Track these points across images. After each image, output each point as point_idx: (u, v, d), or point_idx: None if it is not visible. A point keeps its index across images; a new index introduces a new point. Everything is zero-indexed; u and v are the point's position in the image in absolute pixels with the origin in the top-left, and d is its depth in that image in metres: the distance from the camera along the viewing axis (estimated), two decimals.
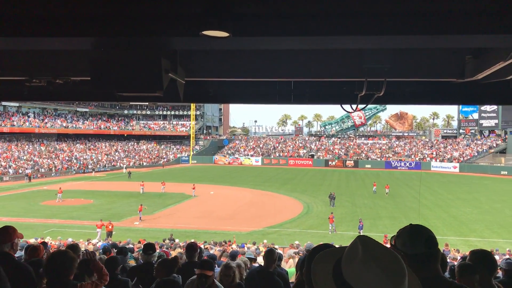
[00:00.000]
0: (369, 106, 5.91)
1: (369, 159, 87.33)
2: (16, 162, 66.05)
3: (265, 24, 3.27)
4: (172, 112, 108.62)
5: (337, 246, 2.01)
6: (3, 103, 72.60)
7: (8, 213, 32.87)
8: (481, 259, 3.51)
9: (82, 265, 4.48)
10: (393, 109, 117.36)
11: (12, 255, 4.07)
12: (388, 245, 2.13)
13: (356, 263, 1.43)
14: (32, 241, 14.12)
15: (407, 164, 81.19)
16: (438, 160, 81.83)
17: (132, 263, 8.61)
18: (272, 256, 5.58)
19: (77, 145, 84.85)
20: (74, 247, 5.98)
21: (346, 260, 1.48)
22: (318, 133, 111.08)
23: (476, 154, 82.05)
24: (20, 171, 62.34)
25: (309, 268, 1.94)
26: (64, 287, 3.71)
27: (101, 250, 10.32)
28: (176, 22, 3.25)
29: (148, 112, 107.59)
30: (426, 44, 3.73)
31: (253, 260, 9.99)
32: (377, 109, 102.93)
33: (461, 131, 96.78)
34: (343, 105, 6.05)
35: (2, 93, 6.31)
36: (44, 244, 7.92)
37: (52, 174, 64.71)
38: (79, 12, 3.32)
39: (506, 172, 67.66)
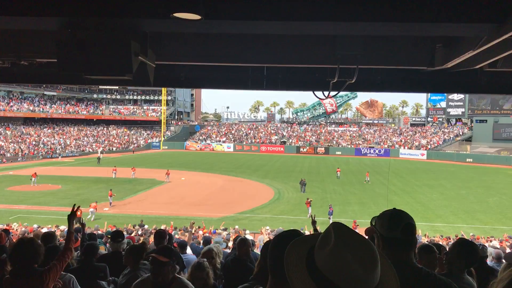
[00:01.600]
0: (340, 93, 5.94)
1: (340, 146, 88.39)
2: None
3: (238, 7, 3.22)
4: (143, 97, 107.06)
5: (308, 232, 2.01)
6: None
7: None
8: (462, 251, 3.57)
9: (49, 253, 4.38)
10: (363, 97, 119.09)
11: None
12: (361, 229, 2.14)
13: (328, 250, 1.43)
14: None
15: (377, 151, 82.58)
16: (406, 147, 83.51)
17: (102, 249, 8.47)
18: (244, 245, 5.73)
19: (44, 129, 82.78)
20: (50, 235, 5.86)
21: (319, 246, 1.47)
22: (290, 120, 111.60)
23: (443, 142, 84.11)
24: None
25: (274, 255, 1.89)
26: (28, 275, 3.62)
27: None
28: (146, 3, 3.17)
29: (118, 97, 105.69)
30: (397, 32, 3.75)
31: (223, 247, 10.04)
32: (348, 97, 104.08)
33: (429, 119, 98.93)
34: (315, 92, 6.06)
35: None
36: (6, 231, 7.71)
37: (19, 159, 63.05)
38: None
39: (471, 160, 69.65)
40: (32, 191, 36.42)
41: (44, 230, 17.12)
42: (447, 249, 4.49)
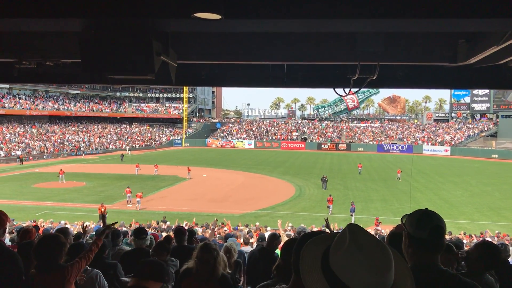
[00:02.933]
0: (362, 89, 5.91)
1: (362, 142, 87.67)
2: (8, 145, 65.57)
3: (258, 6, 3.23)
4: (165, 95, 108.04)
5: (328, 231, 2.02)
6: None
7: (0, 196, 32.78)
8: (483, 253, 3.51)
9: (73, 250, 4.49)
10: (386, 92, 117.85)
11: (2, 242, 4.06)
12: (384, 226, 2.14)
13: (341, 252, 1.44)
14: (26, 224, 14.12)
15: (399, 147, 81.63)
16: (429, 143, 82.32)
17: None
18: (275, 239, 6.12)
19: (69, 127, 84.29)
20: (63, 231, 5.98)
21: (333, 248, 1.49)
22: (311, 116, 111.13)
23: (467, 137, 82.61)
24: (12, 153, 61.92)
25: (297, 255, 1.94)
26: (51, 269, 3.73)
27: (93, 233, 10.32)
28: (168, 3, 3.21)
29: (141, 95, 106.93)
30: (420, 28, 3.71)
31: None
32: (370, 93, 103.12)
33: (453, 114, 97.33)
34: (336, 89, 6.04)
35: None
36: (36, 227, 7.91)
37: (44, 157, 64.37)
38: None
39: (496, 156, 68.26)
40: (57, 188, 37.17)
41: (70, 226, 17.49)
42: (467, 247, 4.42)
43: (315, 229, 18.72)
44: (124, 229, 16.61)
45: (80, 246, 4.82)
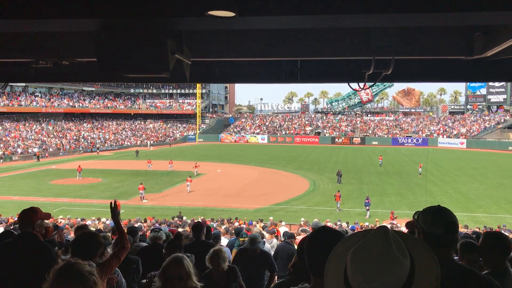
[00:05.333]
0: (376, 83, 5.87)
1: (376, 135, 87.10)
2: (25, 142, 66.53)
3: (271, 3, 3.23)
4: (178, 91, 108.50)
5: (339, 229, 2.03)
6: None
7: (19, 192, 33.32)
8: (493, 242, 3.48)
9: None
10: (400, 85, 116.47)
11: (36, 235, 4.13)
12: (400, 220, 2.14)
13: (350, 252, 1.49)
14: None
15: (414, 140, 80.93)
16: (445, 136, 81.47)
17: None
18: (255, 242, 6.50)
19: (84, 124, 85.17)
20: (81, 227, 6.07)
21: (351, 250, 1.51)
22: (324, 110, 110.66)
23: (484, 130, 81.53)
24: (29, 150, 62.82)
25: (311, 255, 1.99)
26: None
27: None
28: (182, 2, 3.22)
29: (154, 91, 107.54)
30: (434, 22, 3.68)
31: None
32: (384, 86, 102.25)
33: (468, 106, 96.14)
34: (350, 84, 6.01)
35: (9, 74, 6.31)
36: (55, 226, 8.02)
37: (60, 154, 65.18)
38: None
39: None
40: (74, 184, 37.64)
41: (88, 222, 17.72)
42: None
43: (328, 224, 18.72)
44: (139, 224, 16.78)
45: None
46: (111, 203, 4.55)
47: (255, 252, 6.43)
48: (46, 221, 4.46)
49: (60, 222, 18.25)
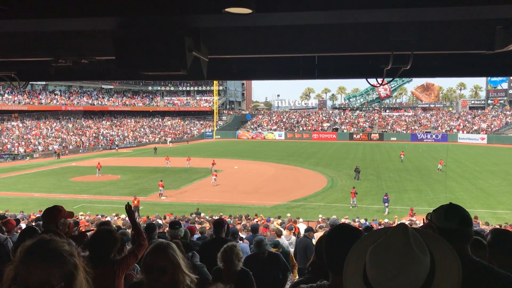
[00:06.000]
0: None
1: (395, 131, 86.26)
2: (45, 139, 67.62)
3: None
4: (195, 88, 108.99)
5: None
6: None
7: (40, 189, 33.92)
8: (497, 239, 3.43)
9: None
10: (419, 80, 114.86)
11: (59, 234, 4.19)
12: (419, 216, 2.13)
13: (370, 249, 1.47)
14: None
15: (433, 136, 79.91)
16: (465, 131, 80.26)
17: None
18: (261, 245, 6.20)
19: (103, 121, 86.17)
20: (106, 224, 6.14)
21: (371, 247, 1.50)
22: (342, 106, 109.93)
23: (505, 125, 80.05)
24: (49, 148, 63.85)
25: (329, 253, 1.99)
26: (103, 263, 3.81)
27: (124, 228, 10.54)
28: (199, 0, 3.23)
29: (172, 88, 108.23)
30: (454, 16, 3.61)
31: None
32: (403, 81, 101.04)
33: (489, 101, 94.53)
34: (368, 79, 5.95)
35: (29, 73, 6.41)
36: (76, 222, 8.15)
37: (80, 151, 66.09)
38: None
39: None
40: (93, 181, 38.14)
41: (108, 219, 17.93)
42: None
43: (346, 221, 18.61)
44: (159, 221, 16.94)
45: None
46: (126, 205, 4.59)
47: (263, 256, 6.20)
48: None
49: (81, 219, 18.51)
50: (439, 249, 1.53)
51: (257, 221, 18.77)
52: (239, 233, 10.98)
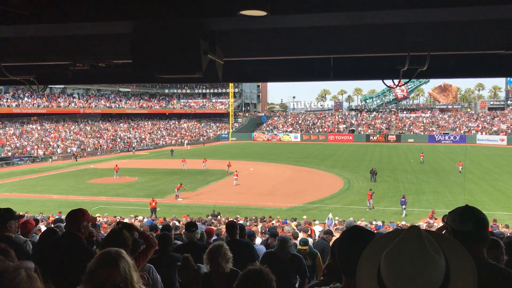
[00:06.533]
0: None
1: (412, 133, 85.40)
2: (64, 142, 68.58)
3: (302, 1, 3.22)
4: (211, 90, 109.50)
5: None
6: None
7: (59, 191, 34.40)
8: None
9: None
10: (436, 81, 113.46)
11: (80, 237, 4.26)
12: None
13: (384, 254, 1.46)
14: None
15: (452, 137, 78.89)
16: (484, 133, 79.04)
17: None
18: (285, 245, 5.96)
19: (120, 124, 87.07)
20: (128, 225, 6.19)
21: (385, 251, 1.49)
22: (358, 108, 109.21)
23: None
24: (68, 150, 64.74)
25: (342, 254, 1.98)
26: None
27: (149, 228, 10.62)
28: (214, 3, 3.25)
29: (188, 91, 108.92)
30: (471, 16, 3.57)
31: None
32: (420, 82, 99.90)
33: (509, 102, 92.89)
34: (384, 80, 5.91)
35: (48, 76, 6.51)
36: (94, 225, 8.25)
37: (98, 153, 66.86)
38: None
39: None
40: (111, 183, 38.54)
41: (125, 220, 18.10)
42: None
43: (361, 223, 18.46)
44: (176, 223, 17.03)
45: (136, 241, 4.98)
46: (119, 224, 4.49)
47: (286, 256, 5.90)
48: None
49: (98, 220, 18.72)
50: (451, 249, 1.52)
51: (273, 223, 18.76)
52: (256, 236, 10.96)
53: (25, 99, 74.25)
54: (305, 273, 6.07)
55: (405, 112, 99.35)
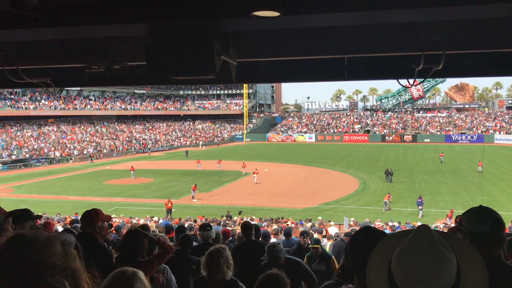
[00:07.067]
0: (427, 78, 5.69)
1: (428, 133, 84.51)
2: (80, 144, 69.37)
3: (315, 1, 3.21)
4: (226, 91, 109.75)
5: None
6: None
7: (75, 192, 34.80)
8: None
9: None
10: (452, 80, 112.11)
11: (96, 236, 4.29)
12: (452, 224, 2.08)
13: (396, 253, 1.45)
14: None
15: (469, 137, 77.86)
16: (502, 132, 77.84)
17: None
18: (272, 249, 5.26)
19: (136, 126, 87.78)
20: (144, 227, 6.24)
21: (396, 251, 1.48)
22: (373, 108, 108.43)
23: None
24: (84, 152, 65.46)
25: (353, 254, 1.97)
26: (131, 264, 3.88)
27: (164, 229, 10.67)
28: (227, 4, 3.26)
29: (203, 92, 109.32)
30: (486, 14, 3.52)
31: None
32: (436, 81, 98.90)
33: None
34: (399, 80, 5.86)
35: (64, 79, 6.60)
36: (110, 225, 8.34)
37: (114, 155, 67.48)
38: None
39: None
40: (127, 184, 38.86)
41: (141, 221, 18.23)
42: None
43: (378, 224, 18.33)
44: (190, 223, 17.10)
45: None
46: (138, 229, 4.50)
47: (279, 263, 5.12)
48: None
49: (114, 221, 18.88)
50: (456, 245, 1.51)
51: (288, 224, 18.73)
52: (271, 237, 10.95)
53: (42, 101, 75.28)
54: (309, 277, 5.44)
55: (421, 112, 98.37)
